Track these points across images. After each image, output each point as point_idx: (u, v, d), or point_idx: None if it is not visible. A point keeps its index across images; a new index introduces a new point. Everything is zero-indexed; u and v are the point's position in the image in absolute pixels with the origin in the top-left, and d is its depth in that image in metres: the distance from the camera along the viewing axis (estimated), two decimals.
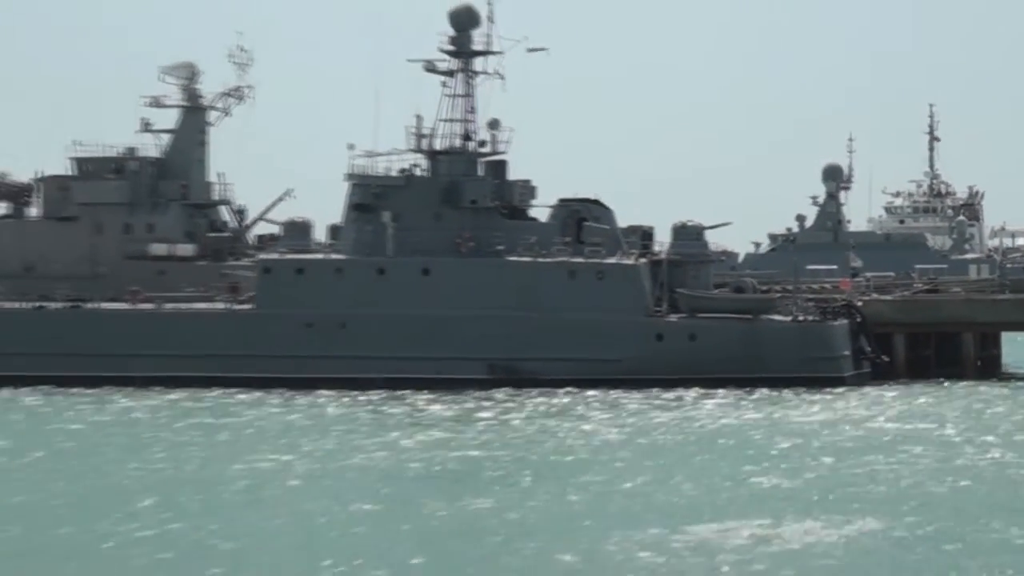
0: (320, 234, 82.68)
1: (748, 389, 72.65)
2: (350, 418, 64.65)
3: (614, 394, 71.44)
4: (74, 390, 73.23)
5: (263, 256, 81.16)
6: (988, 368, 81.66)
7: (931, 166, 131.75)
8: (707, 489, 45.30)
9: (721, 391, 72.04)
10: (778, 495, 44.55)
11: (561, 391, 72.08)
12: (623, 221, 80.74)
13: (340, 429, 60.94)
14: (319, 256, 79.51)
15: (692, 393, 71.75)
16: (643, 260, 78.24)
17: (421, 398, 70.72)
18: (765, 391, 72.61)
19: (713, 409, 67.15)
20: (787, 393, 72.25)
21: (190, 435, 58.87)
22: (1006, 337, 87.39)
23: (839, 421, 62.73)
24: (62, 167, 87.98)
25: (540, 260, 77.08)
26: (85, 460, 52.20)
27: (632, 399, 70.05)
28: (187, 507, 42.37)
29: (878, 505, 41.96)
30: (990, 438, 56.79)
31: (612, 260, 77.48)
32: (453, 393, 71.58)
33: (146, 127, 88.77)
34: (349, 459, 52.42)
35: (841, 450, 54.00)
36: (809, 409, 67.60)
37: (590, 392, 71.96)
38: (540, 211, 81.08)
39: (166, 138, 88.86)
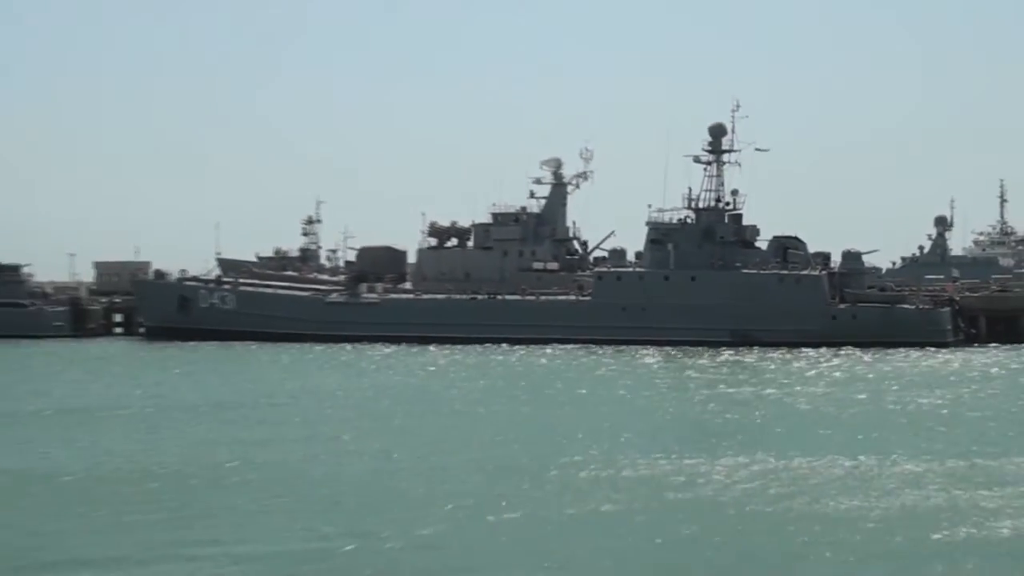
0: (631, 256, 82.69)
1: (888, 350, 70.25)
2: (659, 363, 65.36)
3: (804, 351, 70.28)
4: (491, 346, 73.62)
5: (597, 269, 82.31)
6: None
7: (1002, 216, 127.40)
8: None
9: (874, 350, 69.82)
10: None
11: (775, 348, 71.59)
12: (812, 248, 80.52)
13: (652, 368, 62.18)
14: (630, 269, 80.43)
15: (857, 351, 69.44)
16: (824, 272, 78.24)
17: (690, 351, 71.21)
18: (902, 350, 70.65)
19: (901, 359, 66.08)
20: (916, 351, 70.45)
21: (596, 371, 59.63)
22: None
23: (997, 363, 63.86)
24: (485, 217, 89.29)
25: (762, 272, 77.62)
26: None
27: (826, 355, 68.22)
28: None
29: None
30: None
31: (805, 272, 77.62)
32: (707, 348, 72.07)
33: (531, 194, 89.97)
34: (664, 377, 53.81)
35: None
36: (960, 356, 67.56)
37: (792, 349, 71.03)
38: (762, 243, 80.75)
39: (543, 201, 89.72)
